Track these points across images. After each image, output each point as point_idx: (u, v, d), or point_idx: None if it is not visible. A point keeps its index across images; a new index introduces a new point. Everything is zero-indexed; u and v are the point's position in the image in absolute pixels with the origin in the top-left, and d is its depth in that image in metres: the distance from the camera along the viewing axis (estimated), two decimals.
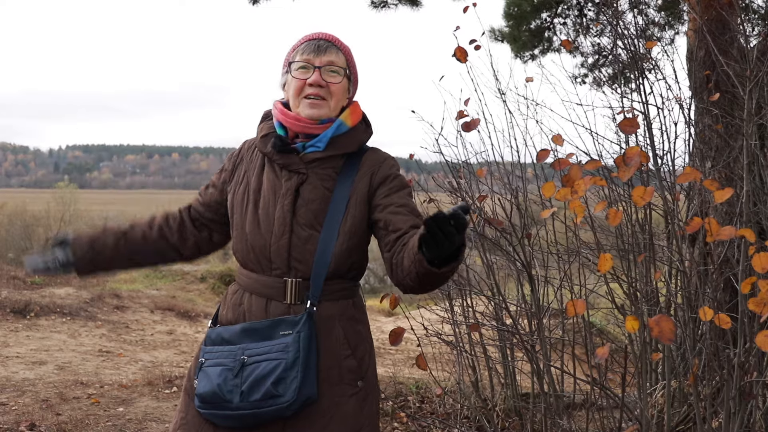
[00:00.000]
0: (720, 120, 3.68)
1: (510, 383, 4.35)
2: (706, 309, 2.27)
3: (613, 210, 2.21)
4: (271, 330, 2.00)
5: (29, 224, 33.30)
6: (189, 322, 10.03)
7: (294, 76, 2.09)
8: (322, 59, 2.07)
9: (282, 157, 2.08)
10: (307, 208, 2.05)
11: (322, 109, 2.07)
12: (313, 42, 2.10)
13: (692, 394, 3.14)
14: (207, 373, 2.02)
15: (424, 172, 4.66)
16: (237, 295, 2.13)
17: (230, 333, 2.05)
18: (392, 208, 2.04)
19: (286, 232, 2.03)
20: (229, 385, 1.96)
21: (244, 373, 1.96)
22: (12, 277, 11.15)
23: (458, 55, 3.20)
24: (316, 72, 2.06)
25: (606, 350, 2.29)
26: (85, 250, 2.24)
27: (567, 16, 8.41)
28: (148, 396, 5.39)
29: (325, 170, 2.09)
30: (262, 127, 2.19)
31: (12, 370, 6.23)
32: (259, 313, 2.05)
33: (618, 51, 3.79)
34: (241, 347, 2.00)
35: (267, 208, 2.07)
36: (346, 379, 2.04)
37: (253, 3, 7.47)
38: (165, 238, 2.27)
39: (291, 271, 2.04)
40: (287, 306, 2.03)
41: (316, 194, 2.06)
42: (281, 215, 2.05)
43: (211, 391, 1.98)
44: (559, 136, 3.03)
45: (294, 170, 2.08)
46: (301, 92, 2.07)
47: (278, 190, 2.08)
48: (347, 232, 2.05)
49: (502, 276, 4.36)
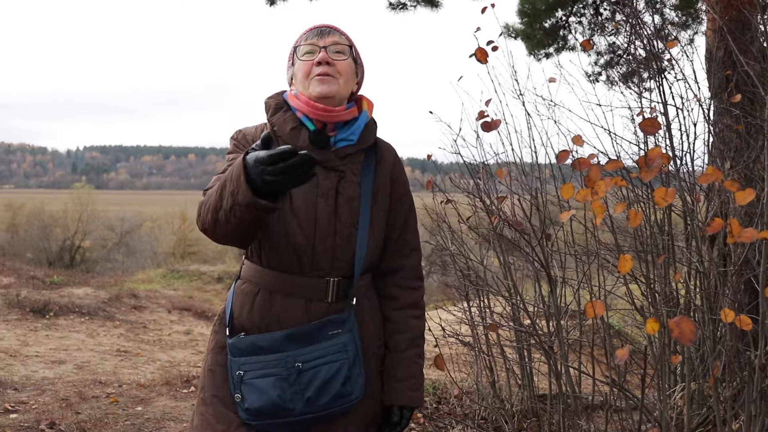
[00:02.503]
0: (740, 120, 3.65)
1: (527, 384, 4.34)
2: (727, 310, 2.25)
3: (633, 211, 2.20)
4: (319, 332, 1.98)
5: (47, 224, 33.62)
6: (206, 322, 10.08)
7: (300, 59, 2.07)
8: (326, 40, 2.07)
9: (318, 153, 2.01)
10: (348, 207, 2.03)
11: (332, 86, 2.04)
12: (315, 29, 2.10)
13: (712, 396, 3.12)
14: (255, 385, 1.96)
15: (441, 173, 4.66)
16: (261, 297, 2.04)
17: (270, 341, 1.98)
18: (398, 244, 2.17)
19: (330, 234, 2.01)
20: (288, 393, 1.94)
21: (303, 379, 1.94)
22: (31, 277, 11.28)
23: (479, 56, 3.18)
24: (322, 51, 2.05)
25: (626, 352, 2.28)
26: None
27: (582, 14, 8.37)
28: (166, 395, 5.43)
29: (355, 165, 2.08)
30: (283, 118, 2.07)
31: (32, 369, 6.29)
32: (299, 315, 2.00)
33: (635, 50, 3.77)
34: (290, 354, 1.95)
35: (306, 208, 2.00)
36: (378, 366, 2.14)
37: (270, 4, 7.50)
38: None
39: (333, 270, 2.02)
40: (328, 305, 2.02)
41: (353, 192, 2.05)
42: (325, 216, 2.01)
43: (270, 404, 1.94)
44: (579, 137, 3.02)
45: (331, 167, 2.03)
46: (310, 74, 2.05)
47: (315, 189, 2.00)
48: (377, 228, 2.09)
49: (519, 276, 4.35)
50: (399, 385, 2.13)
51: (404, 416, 2.15)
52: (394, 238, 2.16)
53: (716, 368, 2.90)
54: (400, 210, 2.17)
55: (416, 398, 2.15)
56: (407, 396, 2.13)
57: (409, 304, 2.18)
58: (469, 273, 4.31)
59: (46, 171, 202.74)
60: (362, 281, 2.09)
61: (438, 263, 4.62)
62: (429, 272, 7.22)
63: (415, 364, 2.16)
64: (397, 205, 2.16)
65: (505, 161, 4.02)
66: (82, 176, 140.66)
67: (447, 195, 4.25)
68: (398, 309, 2.16)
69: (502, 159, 4.01)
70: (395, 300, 2.17)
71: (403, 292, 2.17)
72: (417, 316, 2.19)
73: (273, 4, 7.50)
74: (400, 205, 2.17)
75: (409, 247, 2.19)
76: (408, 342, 2.16)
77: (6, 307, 8.79)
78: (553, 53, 8.42)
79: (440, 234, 4.49)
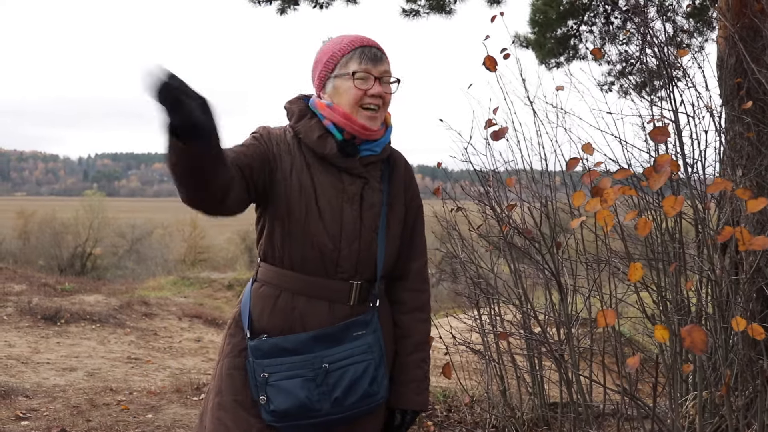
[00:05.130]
0: (752, 128, 3.64)
1: (538, 392, 4.33)
2: (739, 319, 2.24)
3: (642, 219, 2.20)
4: (344, 333, 2.02)
5: (58, 232, 33.79)
6: (216, 330, 10.10)
7: (356, 86, 2.04)
8: (379, 69, 2.07)
9: (345, 160, 2.07)
10: (371, 212, 2.09)
11: (378, 121, 2.09)
12: (367, 49, 2.07)
13: (724, 405, 3.10)
14: (282, 387, 1.97)
15: (451, 180, 4.66)
16: (284, 299, 2.06)
17: (295, 342, 2.00)
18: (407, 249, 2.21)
19: (356, 238, 2.06)
20: (315, 394, 1.97)
21: (330, 380, 1.97)
22: (43, 284, 11.32)
23: (488, 64, 3.20)
24: (377, 83, 2.05)
25: (637, 360, 2.27)
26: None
27: (593, 23, 8.37)
28: (176, 403, 5.44)
29: (377, 172, 2.14)
30: (309, 126, 2.07)
31: (43, 376, 6.32)
32: (323, 317, 2.04)
33: (646, 59, 3.77)
34: (317, 356, 1.98)
35: (332, 212, 2.04)
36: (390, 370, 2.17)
37: (281, 13, 7.53)
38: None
39: (357, 274, 2.07)
40: (350, 307, 2.06)
41: (376, 198, 2.11)
42: (351, 220, 2.06)
43: (298, 404, 1.96)
44: (589, 145, 3.02)
45: (356, 174, 2.09)
46: (360, 101, 2.05)
47: (341, 194, 2.06)
48: (393, 234, 2.15)
49: (530, 284, 4.34)
50: (403, 389, 2.16)
51: (405, 420, 2.18)
52: (404, 244, 2.21)
53: (728, 377, 2.89)
54: (410, 216, 2.22)
55: (419, 402, 2.18)
56: (410, 399, 2.16)
57: (416, 308, 2.22)
58: (479, 281, 4.31)
59: (57, 178, 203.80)
60: (383, 286, 2.15)
61: (448, 271, 4.60)
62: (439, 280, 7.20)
63: (419, 368, 2.19)
64: (409, 211, 2.22)
65: (515, 169, 4.02)
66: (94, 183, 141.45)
67: (457, 203, 4.25)
68: (405, 313, 2.21)
69: (512, 167, 4.01)
70: (403, 304, 2.21)
71: (411, 295, 2.22)
72: (423, 320, 2.23)
73: (284, 13, 7.53)
74: (411, 211, 2.23)
75: (417, 251, 2.24)
76: (413, 346, 2.19)
77: (18, 314, 8.83)
78: (563, 62, 8.44)
79: (450, 241, 4.49)
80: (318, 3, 7.46)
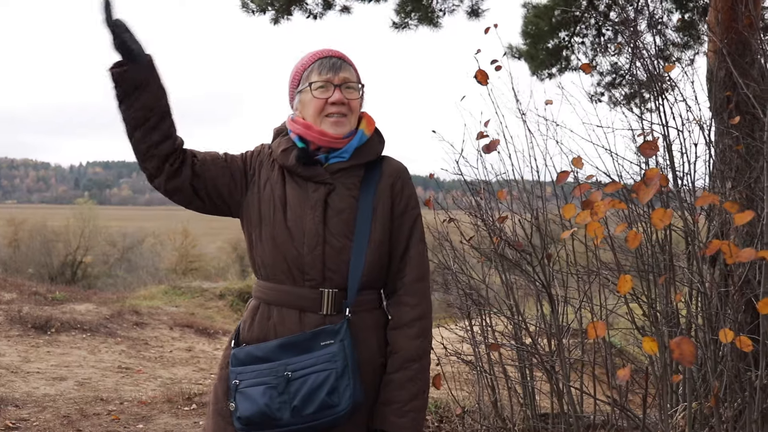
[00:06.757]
0: (741, 141, 3.67)
1: (529, 403, 4.33)
2: (727, 331, 2.26)
3: (632, 232, 2.22)
4: (311, 342, 2.01)
5: (49, 240, 33.68)
6: (208, 339, 10.07)
7: (315, 96, 2.11)
8: (340, 77, 2.12)
9: (306, 169, 2.11)
10: (339, 218, 2.09)
11: (345, 127, 2.12)
12: (326, 60, 2.14)
13: (714, 416, 3.12)
14: (247, 394, 2.00)
15: (443, 190, 4.67)
16: (262, 310, 2.12)
17: (264, 350, 2.03)
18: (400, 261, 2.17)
19: (319, 243, 2.06)
20: (276, 402, 1.97)
21: (291, 388, 1.97)
22: (33, 293, 11.26)
23: (479, 77, 3.23)
24: (336, 90, 2.10)
25: (627, 372, 2.29)
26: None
27: (585, 35, 8.43)
28: (167, 413, 5.42)
29: (350, 179, 2.14)
30: (279, 142, 2.19)
31: (33, 385, 6.29)
32: (293, 325, 2.06)
33: (636, 71, 3.80)
34: (281, 363, 1.99)
35: (296, 219, 2.08)
36: (379, 381, 2.11)
37: (275, 23, 7.55)
38: (174, 128, 2.14)
39: (326, 281, 2.06)
40: (323, 317, 2.05)
41: (345, 203, 2.11)
42: (313, 226, 2.07)
43: (258, 412, 1.97)
44: (579, 159, 3.04)
45: (320, 181, 2.11)
46: (323, 111, 2.11)
47: (305, 202, 2.09)
48: (377, 240, 2.11)
49: (521, 295, 4.35)
50: (383, 408, 2.08)
51: None
52: (397, 255, 2.16)
53: (717, 388, 2.90)
54: (401, 226, 2.17)
55: (400, 425, 2.05)
56: (389, 421, 2.06)
57: (403, 323, 2.11)
58: (471, 292, 4.32)
59: (48, 186, 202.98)
60: (365, 296, 2.11)
61: (440, 282, 4.61)
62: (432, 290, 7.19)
63: (404, 388, 2.07)
64: (398, 220, 2.17)
65: (507, 180, 4.04)
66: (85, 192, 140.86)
67: (449, 214, 4.26)
68: (393, 328, 2.13)
69: (503, 178, 4.03)
70: (392, 318, 2.15)
71: (400, 310, 2.13)
72: (411, 336, 2.10)
73: (277, 23, 7.55)
74: (402, 220, 2.17)
75: (411, 263, 2.15)
76: (399, 364, 2.09)
77: (8, 323, 8.79)
78: (556, 73, 8.50)
79: (442, 252, 4.50)
80: (311, 13, 7.49)
